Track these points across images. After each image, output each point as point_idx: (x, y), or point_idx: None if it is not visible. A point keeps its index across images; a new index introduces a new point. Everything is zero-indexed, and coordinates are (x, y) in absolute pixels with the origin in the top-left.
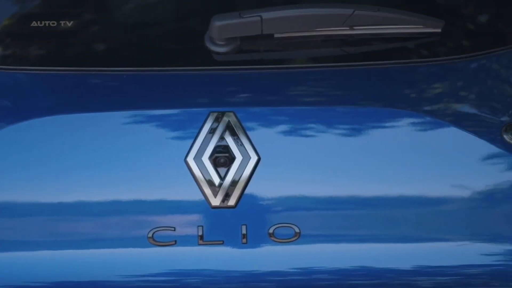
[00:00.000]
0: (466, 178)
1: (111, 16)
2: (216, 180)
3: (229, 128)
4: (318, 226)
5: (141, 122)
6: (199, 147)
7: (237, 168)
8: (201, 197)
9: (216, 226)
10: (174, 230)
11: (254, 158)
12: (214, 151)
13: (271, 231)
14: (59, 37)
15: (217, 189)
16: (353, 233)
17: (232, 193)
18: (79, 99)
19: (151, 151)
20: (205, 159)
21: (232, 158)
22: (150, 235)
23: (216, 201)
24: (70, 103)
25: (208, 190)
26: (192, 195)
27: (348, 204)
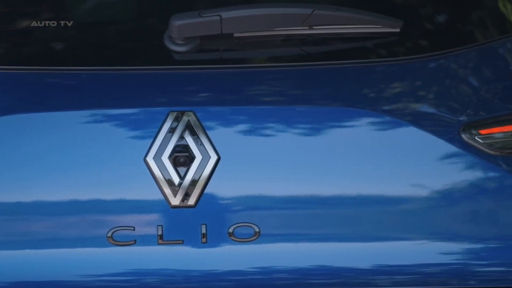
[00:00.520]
0: (424, 177)
1: (70, 14)
2: (176, 180)
3: (189, 128)
4: (277, 225)
5: (100, 122)
6: (159, 147)
7: (197, 168)
8: (161, 197)
9: (175, 226)
10: (134, 229)
11: (214, 158)
12: (174, 150)
13: (230, 230)
14: (16, 36)
15: (177, 188)
16: (312, 232)
17: (191, 192)
18: (37, 98)
19: (110, 151)
20: (165, 158)
21: (191, 158)
22: (109, 234)
23: (175, 200)
24: (27, 102)
25: (167, 190)
26: (151, 194)
27: (308, 204)
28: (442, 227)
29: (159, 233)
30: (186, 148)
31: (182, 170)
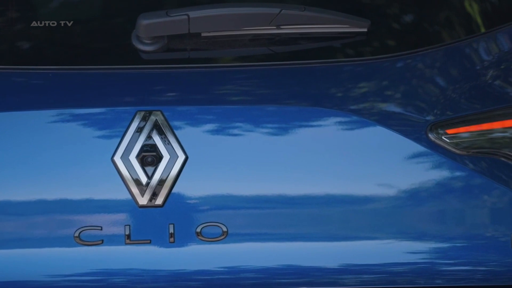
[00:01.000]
0: (391, 177)
1: (37, 13)
2: (144, 179)
3: (157, 127)
4: (245, 225)
5: (67, 121)
6: (126, 146)
7: (165, 167)
8: (128, 196)
9: (143, 225)
10: (101, 229)
11: (181, 157)
12: (142, 150)
13: (198, 230)
14: None
15: (145, 188)
16: (280, 232)
17: (159, 192)
18: (3, 97)
19: (77, 150)
20: (132, 158)
21: (159, 157)
22: (76, 234)
23: (143, 200)
24: None
25: (135, 189)
26: (119, 194)
27: (275, 203)
28: (409, 227)
29: (127, 232)
30: (154, 147)
31: (149, 169)
